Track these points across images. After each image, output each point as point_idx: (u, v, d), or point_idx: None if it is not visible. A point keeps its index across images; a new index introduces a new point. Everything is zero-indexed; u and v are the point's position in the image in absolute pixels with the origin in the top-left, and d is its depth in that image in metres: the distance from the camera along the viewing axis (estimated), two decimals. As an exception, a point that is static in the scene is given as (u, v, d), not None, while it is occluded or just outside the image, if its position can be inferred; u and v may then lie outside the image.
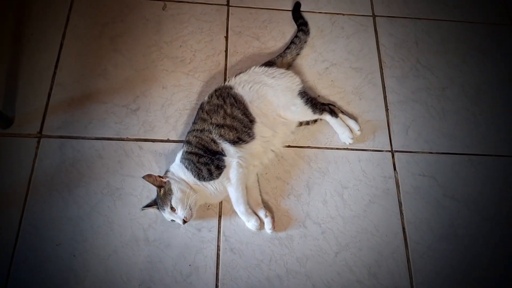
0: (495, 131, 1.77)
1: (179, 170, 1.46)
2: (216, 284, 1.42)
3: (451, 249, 1.55)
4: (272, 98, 1.56)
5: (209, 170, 1.43)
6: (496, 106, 1.82)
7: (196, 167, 1.43)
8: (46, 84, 1.67)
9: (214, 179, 1.43)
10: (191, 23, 1.85)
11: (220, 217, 1.52)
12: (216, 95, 1.57)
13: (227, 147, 1.48)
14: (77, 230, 1.46)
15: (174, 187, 1.40)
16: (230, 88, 1.57)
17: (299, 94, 1.61)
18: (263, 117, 1.53)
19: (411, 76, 1.85)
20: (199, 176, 1.43)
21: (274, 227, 1.50)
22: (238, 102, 1.53)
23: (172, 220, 1.42)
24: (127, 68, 1.73)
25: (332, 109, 1.66)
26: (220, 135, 1.48)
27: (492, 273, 1.52)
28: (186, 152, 1.48)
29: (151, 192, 1.52)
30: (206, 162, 1.44)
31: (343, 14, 1.96)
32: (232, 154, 1.47)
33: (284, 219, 1.53)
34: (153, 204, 1.46)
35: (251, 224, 1.49)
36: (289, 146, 1.65)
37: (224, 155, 1.46)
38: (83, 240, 1.45)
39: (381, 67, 1.85)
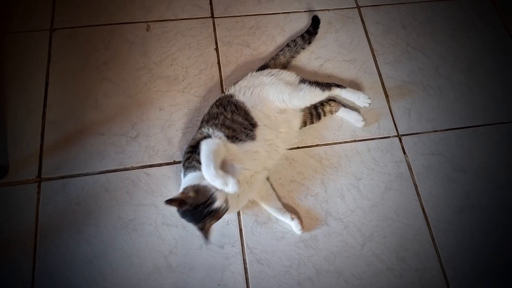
0: (492, 100, 1.84)
1: (188, 181, 1.38)
2: (249, 299, 1.43)
3: (470, 221, 1.60)
4: (275, 94, 1.56)
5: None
6: (489, 76, 1.90)
7: (192, 163, 1.41)
8: (37, 125, 1.63)
9: None
10: (178, 40, 1.85)
11: (241, 230, 1.51)
12: (216, 105, 1.58)
13: (219, 135, 1.44)
14: (94, 270, 1.43)
15: (202, 184, 1.32)
16: (231, 96, 1.58)
17: (300, 81, 1.64)
18: (266, 120, 1.53)
19: (404, 60, 1.90)
20: (197, 168, 1.39)
21: (302, 228, 1.51)
22: (239, 109, 1.53)
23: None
24: (119, 95, 1.71)
25: (337, 84, 1.69)
26: (215, 127, 1.46)
27: (510, 237, 1.57)
28: (184, 160, 1.46)
29: (166, 218, 1.50)
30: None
31: (328, 10, 2.00)
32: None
33: (305, 221, 1.54)
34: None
35: (230, 186, 1.30)
36: (297, 148, 1.67)
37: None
38: (103, 280, 1.42)
39: (374, 56, 1.90)
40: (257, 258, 1.47)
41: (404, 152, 1.70)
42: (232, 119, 1.50)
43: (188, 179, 1.39)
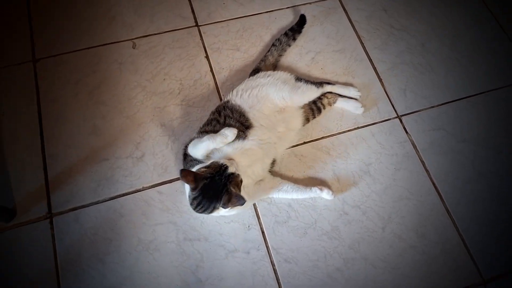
0: (481, 69, 1.92)
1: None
2: (283, 299, 1.44)
3: (480, 188, 1.67)
4: (275, 93, 1.59)
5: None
6: (473, 47, 1.98)
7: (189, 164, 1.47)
8: (38, 160, 1.58)
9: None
10: (166, 53, 1.83)
11: (263, 232, 1.53)
12: (212, 112, 1.61)
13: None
14: (122, 298, 1.43)
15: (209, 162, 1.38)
16: (227, 101, 1.60)
17: (296, 80, 1.68)
18: (263, 120, 1.55)
19: (390, 42, 1.95)
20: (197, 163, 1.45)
21: (332, 191, 1.56)
22: (235, 112, 1.54)
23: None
24: (117, 118, 1.69)
25: (327, 82, 1.76)
26: (205, 133, 1.49)
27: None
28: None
29: (187, 233, 1.50)
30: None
31: (310, 3, 2.02)
32: None
33: (324, 213, 1.57)
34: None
35: (228, 131, 1.42)
36: (304, 143, 1.69)
37: None
38: (134, 305, 1.42)
39: (361, 42, 1.94)
40: (283, 257, 1.49)
41: (407, 132, 1.75)
42: (224, 123, 1.52)
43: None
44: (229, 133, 1.42)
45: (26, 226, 1.49)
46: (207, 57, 1.85)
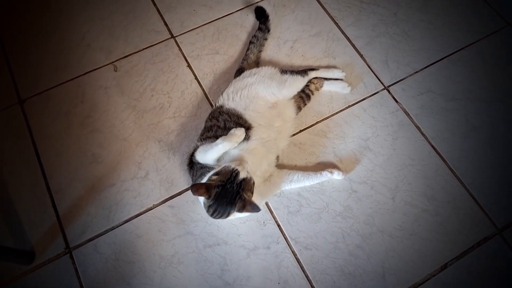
0: (454, 26, 1.97)
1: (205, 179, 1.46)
2: (311, 286, 1.48)
3: (478, 141, 1.72)
4: (264, 90, 1.62)
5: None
6: (443, 6, 2.03)
7: (198, 172, 1.49)
8: (45, 199, 1.60)
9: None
10: (148, 69, 1.85)
11: (279, 225, 1.56)
12: (209, 118, 1.63)
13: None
14: (158, 316, 1.46)
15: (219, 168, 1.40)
16: (221, 106, 1.62)
17: (282, 72, 1.71)
18: (260, 119, 1.58)
19: (363, 17, 2.00)
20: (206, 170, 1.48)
21: (342, 171, 1.62)
22: (232, 115, 1.57)
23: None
24: (114, 142, 1.70)
25: (311, 68, 1.80)
26: (208, 139, 1.52)
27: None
28: (192, 177, 1.54)
29: (206, 240, 1.53)
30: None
31: (277, -7, 2.09)
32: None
33: (334, 195, 1.61)
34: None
35: (238, 131, 1.46)
36: (300, 131, 1.73)
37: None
38: (170, 322, 1.45)
39: (335, 22, 1.98)
40: (303, 245, 1.53)
41: (396, 101, 1.80)
42: (225, 127, 1.55)
43: (204, 180, 1.44)
44: (239, 132, 1.45)
45: (47, 265, 1.51)
46: (189, 66, 1.87)
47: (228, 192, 1.34)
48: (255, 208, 1.33)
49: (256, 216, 1.58)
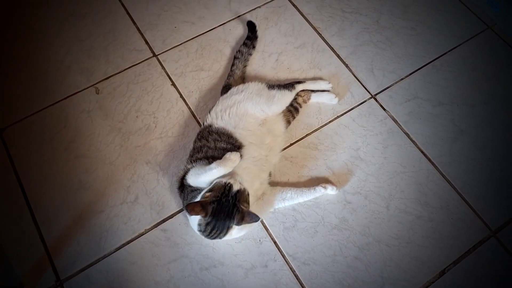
0: (436, 32, 2.05)
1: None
2: (311, 301, 1.51)
3: (466, 144, 1.78)
4: (253, 107, 1.65)
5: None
6: (424, 12, 2.10)
7: (190, 195, 1.50)
8: (32, 230, 1.58)
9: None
10: (132, 90, 1.86)
11: (275, 242, 1.58)
12: (198, 138, 1.64)
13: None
14: None
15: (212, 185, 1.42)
16: (210, 126, 1.64)
17: (269, 88, 1.73)
18: (251, 137, 1.60)
19: (346, 27, 2.05)
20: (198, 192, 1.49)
21: (335, 186, 1.64)
22: (222, 135, 1.59)
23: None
24: (100, 167, 1.70)
25: (297, 81, 1.83)
26: (199, 160, 1.53)
27: (504, 143, 1.78)
28: (183, 201, 1.55)
29: (201, 262, 1.53)
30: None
31: (259, 7, 2.10)
32: None
33: (328, 208, 1.64)
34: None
35: (233, 156, 1.47)
36: (291, 144, 1.76)
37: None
38: None
39: (319, 33, 2.03)
40: (301, 261, 1.55)
41: (384, 109, 1.85)
42: (215, 147, 1.56)
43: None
44: (235, 156, 1.46)
45: (38, 300, 1.51)
46: (173, 84, 1.89)
47: (224, 206, 1.36)
48: (254, 218, 1.36)
49: (252, 235, 1.59)
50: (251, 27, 1.96)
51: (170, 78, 1.90)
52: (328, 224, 1.61)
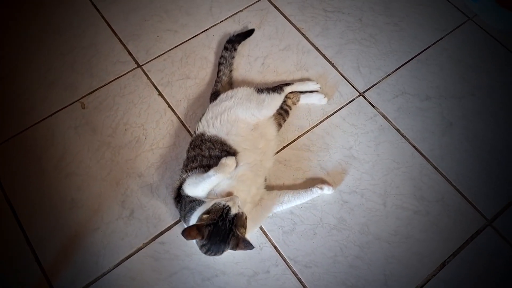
0: (419, 26, 2.09)
1: (195, 219, 1.46)
2: (315, 303, 1.52)
3: (456, 136, 1.82)
4: (244, 112, 1.65)
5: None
6: (405, 7, 2.14)
7: (187, 206, 1.50)
8: (26, 252, 1.55)
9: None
10: (119, 103, 1.85)
11: (275, 247, 1.59)
12: (191, 147, 1.64)
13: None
14: None
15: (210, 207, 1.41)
16: (202, 134, 1.63)
17: (258, 92, 1.74)
18: (244, 142, 1.61)
19: (330, 26, 2.07)
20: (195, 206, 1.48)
21: (332, 186, 1.66)
22: (216, 143, 1.59)
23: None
24: (92, 184, 1.68)
25: (285, 83, 1.84)
26: (194, 169, 1.54)
27: (493, 132, 1.82)
28: (180, 211, 1.55)
29: (203, 273, 1.53)
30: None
31: (241, 11, 2.10)
32: None
33: (326, 209, 1.66)
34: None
35: (229, 160, 1.49)
36: (283, 148, 1.77)
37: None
38: None
39: (303, 34, 2.05)
40: (303, 264, 1.56)
41: (373, 106, 1.87)
42: (210, 156, 1.57)
43: (194, 218, 1.45)
44: (231, 161, 1.47)
45: (37, 324, 1.48)
46: (160, 94, 1.88)
47: (220, 229, 1.36)
48: (248, 246, 1.36)
49: (252, 242, 1.56)
50: (248, 34, 1.99)
51: (156, 88, 1.90)
52: (326, 225, 1.63)
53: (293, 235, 1.61)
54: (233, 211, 1.38)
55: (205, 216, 1.38)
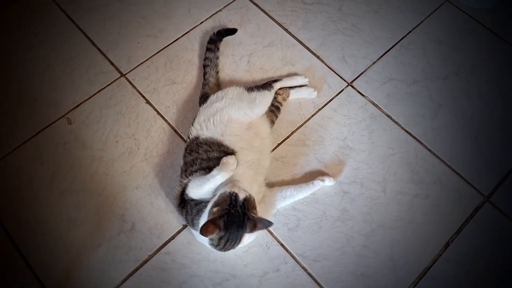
0: (398, 12, 2.12)
1: (203, 220, 1.45)
2: (328, 296, 1.55)
3: (446, 118, 1.86)
4: (236, 112, 1.65)
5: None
6: (386, -6, 2.20)
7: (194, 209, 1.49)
8: (29, 280, 1.50)
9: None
10: (106, 114, 1.82)
11: (282, 245, 1.60)
12: (187, 152, 1.63)
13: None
14: None
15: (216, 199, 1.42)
16: (197, 138, 1.63)
17: (248, 90, 1.75)
18: (240, 142, 1.61)
19: (311, 19, 2.09)
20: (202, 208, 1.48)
21: (332, 177, 1.68)
22: (212, 145, 1.59)
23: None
24: (89, 200, 1.65)
25: (273, 80, 1.85)
26: (194, 173, 1.53)
27: (482, 110, 1.87)
28: (186, 217, 1.53)
29: (213, 278, 1.52)
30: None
31: (220, 10, 2.10)
32: None
33: (327, 201, 1.68)
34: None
35: (229, 159, 1.50)
36: (278, 145, 1.78)
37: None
38: None
39: (285, 29, 2.06)
40: (312, 259, 1.58)
41: (363, 95, 1.90)
42: (208, 158, 1.56)
43: (203, 220, 1.44)
44: (231, 160, 1.48)
45: None
46: (148, 102, 1.86)
47: (235, 217, 1.36)
48: (266, 224, 1.38)
49: (258, 241, 1.60)
50: (229, 31, 1.98)
51: (143, 97, 1.88)
52: (330, 218, 1.65)
53: (298, 231, 1.63)
54: (241, 196, 1.38)
55: (215, 209, 1.38)
